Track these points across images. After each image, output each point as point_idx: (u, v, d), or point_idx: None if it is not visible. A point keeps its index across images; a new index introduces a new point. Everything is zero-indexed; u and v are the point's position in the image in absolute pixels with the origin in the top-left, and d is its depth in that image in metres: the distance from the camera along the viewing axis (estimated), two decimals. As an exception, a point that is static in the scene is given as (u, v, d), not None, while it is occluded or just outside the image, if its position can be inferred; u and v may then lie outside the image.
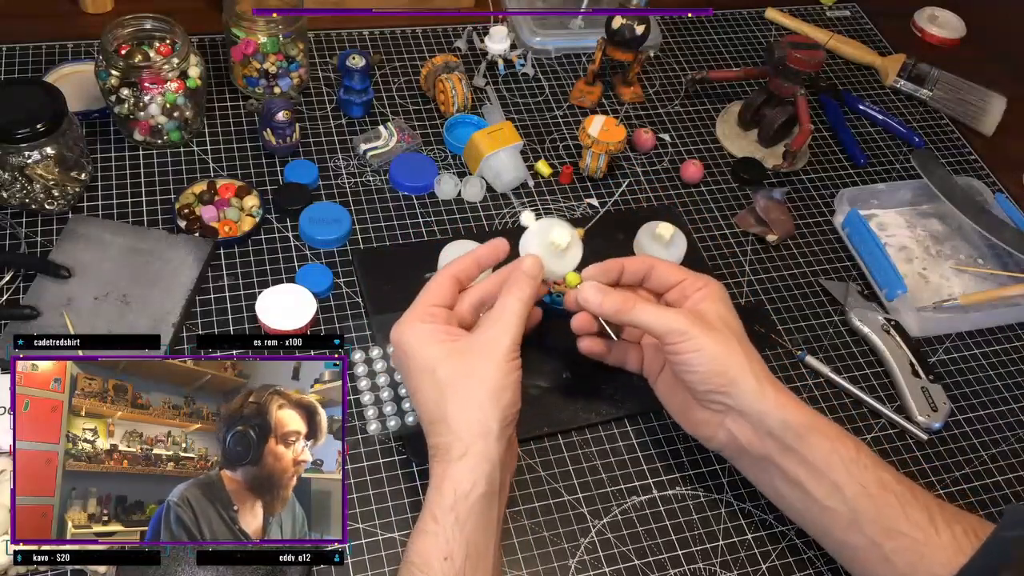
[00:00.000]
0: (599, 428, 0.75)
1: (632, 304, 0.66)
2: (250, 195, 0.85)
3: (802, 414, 0.63)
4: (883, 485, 0.62)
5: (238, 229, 0.83)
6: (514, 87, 1.04)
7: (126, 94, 0.84)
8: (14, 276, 0.77)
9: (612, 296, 0.67)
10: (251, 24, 0.90)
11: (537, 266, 0.67)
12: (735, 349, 0.64)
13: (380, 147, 0.92)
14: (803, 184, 1.01)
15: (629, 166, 0.98)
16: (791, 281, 0.90)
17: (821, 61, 0.95)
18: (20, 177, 0.79)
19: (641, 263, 0.71)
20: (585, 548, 0.68)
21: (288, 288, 0.77)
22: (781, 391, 0.64)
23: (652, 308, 0.66)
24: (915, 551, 0.60)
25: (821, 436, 0.63)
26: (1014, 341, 0.89)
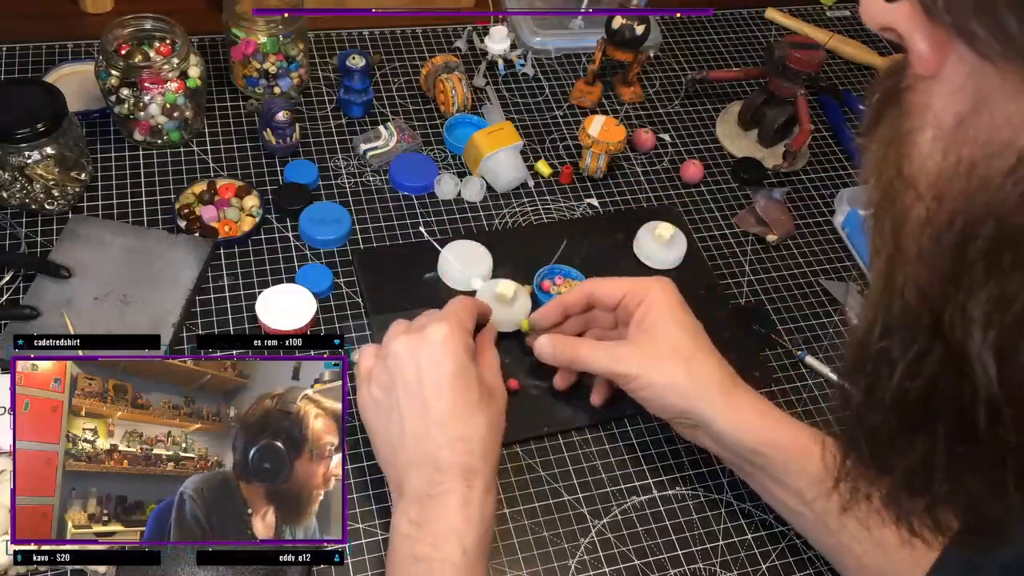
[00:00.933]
0: (599, 428, 0.75)
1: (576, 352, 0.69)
2: (250, 195, 0.85)
3: (760, 429, 0.63)
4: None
5: (238, 229, 0.83)
6: (514, 87, 1.04)
7: (126, 94, 0.84)
8: (14, 276, 0.77)
9: (561, 347, 0.70)
10: (251, 24, 0.90)
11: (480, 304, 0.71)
12: (695, 372, 0.65)
13: (380, 147, 0.92)
14: (803, 184, 1.01)
15: (629, 166, 0.98)
16: (791, 281, 0.90)
17: (821, 61, 0.95)
18: (20, 177, 0.79)
19: (579, 294, 0.72)
20: (585, 548, 0.68)
21: (288, 288, 0.77)
22: (739, 407, 0.64)
23: (599, 353, 0.68)
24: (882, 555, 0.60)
25: (778, 450, 0.63)
26: (1014, 341, 0.89)
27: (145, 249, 0.79)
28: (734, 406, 0.64)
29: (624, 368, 0.66)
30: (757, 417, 0.64)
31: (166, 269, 0.78)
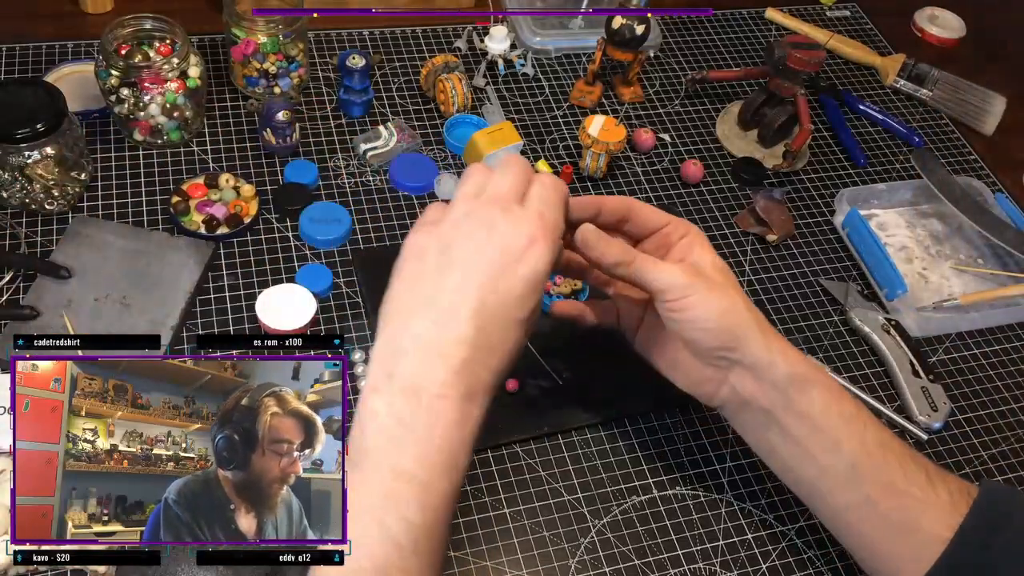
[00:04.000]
0: (599, 428, 0.75)
1: (633, 257, 0.61)
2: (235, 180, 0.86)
3: (806, 367, 0.62)
4: (882, 444, 0.61)
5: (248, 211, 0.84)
6: (514, 87, 1.04)
7: (126, 94, 0.84)
8: (14, 276, 0.77)
9: (614, 246, 0.61)
10: (251, 24, 0.90)
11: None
12: (738, 302, 0.61)
13: (380, 147, 0.92)
14: (803, 184, 1.01)
15: (629, 166, 0.98)
16: (791, 281, 0.90)
17: (821, 61, 0.95)
18: (20, 177, 0.79)
19: (620, 202, 0.66)
20: (585, 548, 0.68)
21: (288, 288, 0.76)
22: (785, 343, 0.63)
23: (653, 262, 0.61)
24: (913, 509, 0.60)
25: (823, 390, 0.62)
26: (1014, 341, 0.89)
27: (146, 251, 0.79)
28: (780, 339, 0.62)
29: (680, 279, 0.60)
30: (802, 356, 0.63)
31: (166, 272, 0.78)
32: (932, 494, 0.60)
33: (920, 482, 0.60)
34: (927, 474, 0.61)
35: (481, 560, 0.67)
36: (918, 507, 0.60)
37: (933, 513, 0.60)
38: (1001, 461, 0.79)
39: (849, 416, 0.62)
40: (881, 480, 0.61)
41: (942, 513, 0.59)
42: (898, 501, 0.60)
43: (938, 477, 0.61)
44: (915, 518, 0.60)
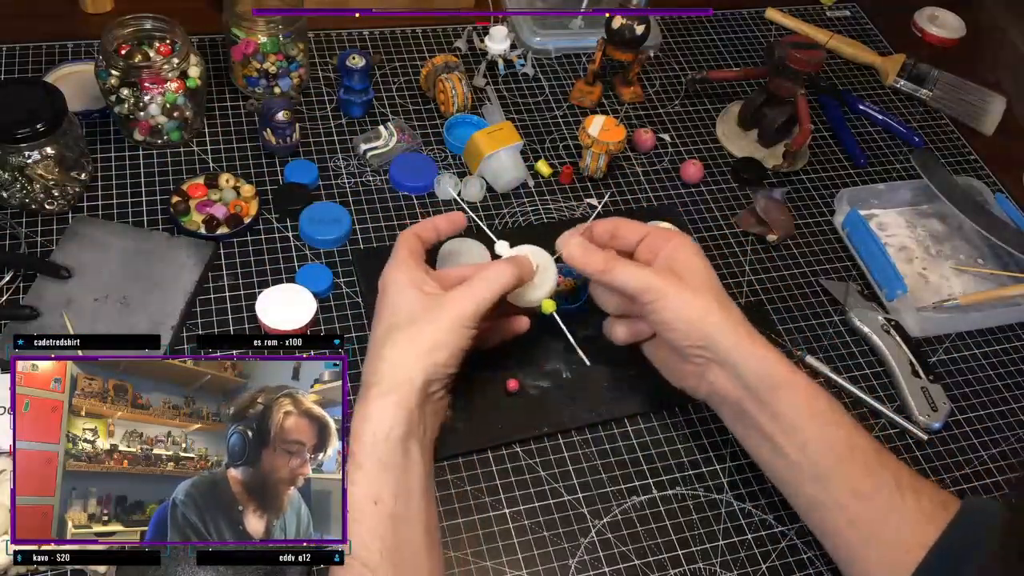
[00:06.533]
0: (599, 428, 0.75)
1: (613, 265, 0.67)
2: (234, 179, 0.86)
3: (778, 368, 0.64)
4: (851, 446, 0.62)
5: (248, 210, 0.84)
6: (514, 87, 1.04)
7: (126, 94, 0.84)
8: (14, 276, 0.77)
9: (594, 255, 0.68)
10: (251, 24, 0.90)
11: (527, 262, 0.70)
12: (710, 302, 0.65)
13: (380, 147, 0.92)
14: (803, 184, 1.01)
15: (629, 166, 0.98)
16: (791, 281, 0.90)
17: (821, 61, 0.95)
18: (20, 177, 0.79)
19: (607, 223, 0.72)
20: (585, 548, 0.68)
21: (288, 288, 0.77)
22: (760, 343, 0.65)
23: (628, 267, 0.67)
24: (877, 515, 0.60)
25: (793, 391, 0.63)
26: (1014, 341, 0.89)
27: (146, 252, 0.79)
28: (755, 339, 0.65)
29: (652, 282, 0.65)
30: (778, 358, 0.65)
31: (167, 272, 0.78)
32: (899, 500, 0.60)
33: (888, 487, 0.60)
34: (897, 480, 0.61)
35: (481, 560, 0.67)
36: (881, 513, 0.60)
37: (897, 520, 0.59)
38: (1001, 461, 0.79)
39: (819, 417, 0.63)
40: (847, 483, 0.61)
41: (907, 522, 0.59)
42: (863, 505, 0.61)
43: (910, 484, 0.61)
44: (879, 524, 0.60)
